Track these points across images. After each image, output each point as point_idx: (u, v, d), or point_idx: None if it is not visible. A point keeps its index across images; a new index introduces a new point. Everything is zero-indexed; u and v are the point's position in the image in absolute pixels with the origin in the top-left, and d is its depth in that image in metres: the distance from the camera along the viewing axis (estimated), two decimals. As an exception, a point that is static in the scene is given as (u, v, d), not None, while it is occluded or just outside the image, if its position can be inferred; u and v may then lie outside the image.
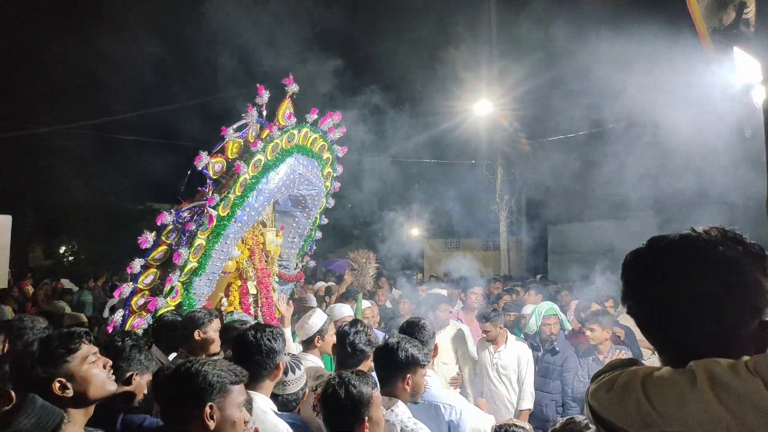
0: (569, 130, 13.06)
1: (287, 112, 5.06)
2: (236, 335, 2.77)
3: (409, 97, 13.50)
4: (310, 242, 6.44)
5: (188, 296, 4.39)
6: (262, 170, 4.75)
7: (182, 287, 4.32)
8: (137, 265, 4.15)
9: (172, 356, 3.53)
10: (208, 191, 4.36)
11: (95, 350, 2.02)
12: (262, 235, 5.35)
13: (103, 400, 2.00)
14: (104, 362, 2.03)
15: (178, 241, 4.24)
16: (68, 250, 24.45)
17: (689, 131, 5.77)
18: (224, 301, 5.02)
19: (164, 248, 4.25)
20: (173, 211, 4.32)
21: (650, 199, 9.51)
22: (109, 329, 4.07)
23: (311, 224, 6.21)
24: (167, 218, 4.22)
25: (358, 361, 2.96)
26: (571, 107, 10.56)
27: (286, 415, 2.63)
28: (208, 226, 4.30)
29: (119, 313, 4.13)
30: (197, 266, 4.36)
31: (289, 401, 2.86)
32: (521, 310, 6.04)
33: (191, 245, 4.23)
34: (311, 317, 3.72)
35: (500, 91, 14.01)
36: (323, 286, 8.76)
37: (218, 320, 3.68)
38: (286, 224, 6.04)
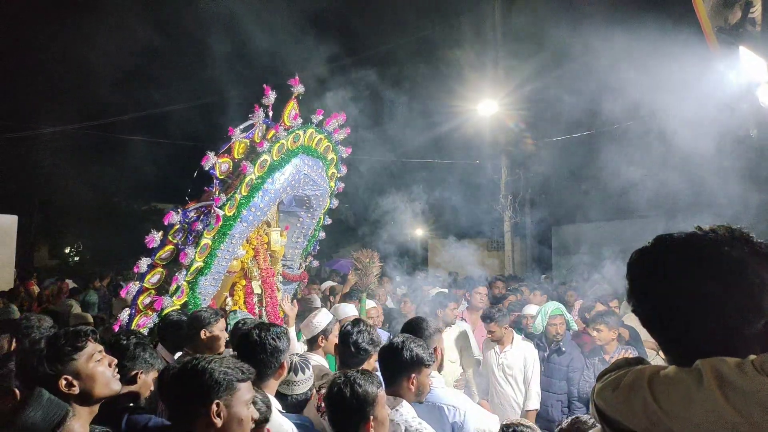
0: (574, 130, 13.03)
1: (293, 112, 5.08)
2: (240, 334, 2.77)
3: (414, 96, 13.50)
4: (313, 242, 6.46)
5: (194, 295, 4.41)
6: (267, 170, 4.77)
7: (188, 286, 4.35)
8: (144, 264, 4.18)
9: (177, 355, 3.54)
10: (214, 191, 4.38)
11: (101, 348, 2.03)
12: (266, 234, 5.37)
13: (107, 399, 2.01)
14: (110, 360, 2.04)
15: (184, 240, 4.27)
16: (73, 250, 24.56)
17: (694, 131, 5.75)
18: (229, 300, 5.04)
19: (171, 248, 4.28)
20: (180, 210, 4.35)
21: (655, 198, 9.47)
22: (115, 328, 4.10)
23: (315, 224, 6.23)
24: (174, 218, 4.25)
25: (361, 360, 2.95)
26: (576, 107, 10.52)
27: (294, 416, 2.62)
28: (214, 225, 4.32)
29: (125, 311, 4.17)
30: (203, 266, 4.39)
31: (299, 401, 2.85)
32: (522, 310, 6.01)
33: (197, 245, 4.25)
34: (316, 316, 3.71)
35: (505, 90, 14.00)
36: (330, 285, 8.76)
37: (224, 320, 3.69)
38: (290, 224, 6.06)
